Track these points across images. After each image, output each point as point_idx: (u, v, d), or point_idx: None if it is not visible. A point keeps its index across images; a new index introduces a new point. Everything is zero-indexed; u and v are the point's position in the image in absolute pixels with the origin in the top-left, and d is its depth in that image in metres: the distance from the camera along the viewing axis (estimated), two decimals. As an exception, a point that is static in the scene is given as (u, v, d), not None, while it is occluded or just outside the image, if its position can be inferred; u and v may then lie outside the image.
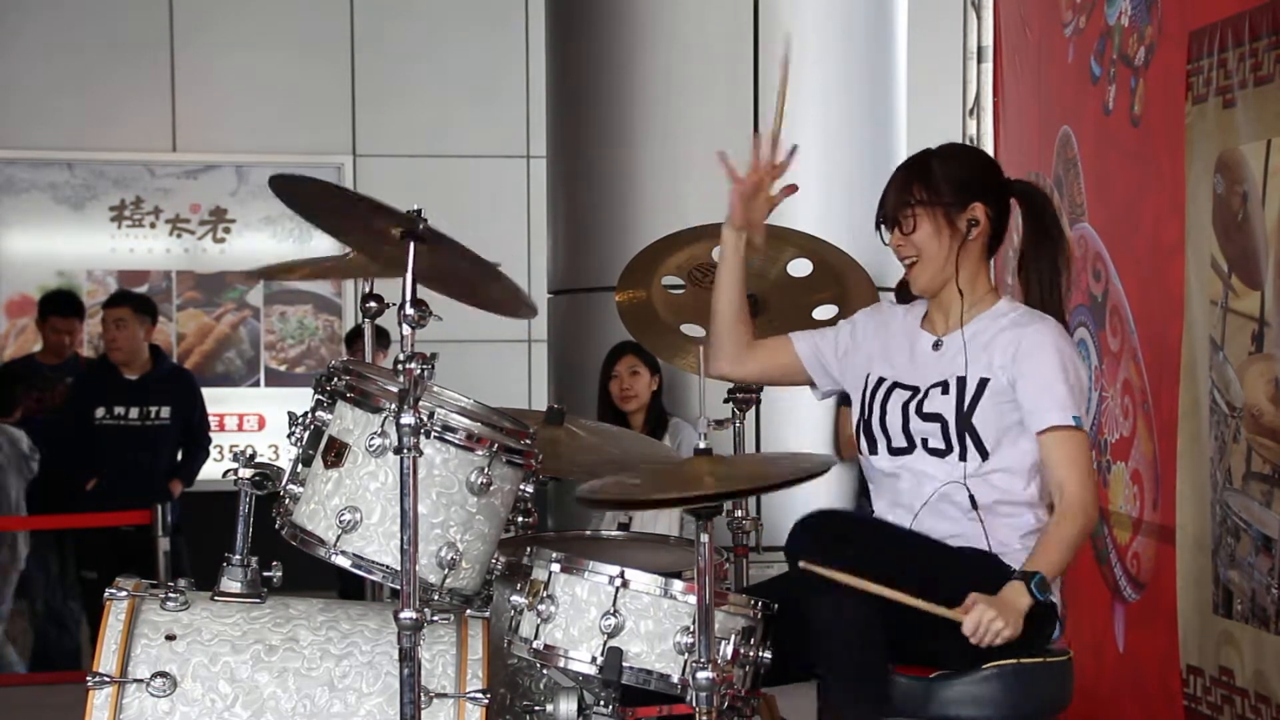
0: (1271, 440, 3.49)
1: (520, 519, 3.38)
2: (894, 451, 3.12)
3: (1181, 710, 3.90)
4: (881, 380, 3.16)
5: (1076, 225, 4.57)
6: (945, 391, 3.07)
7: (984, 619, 2.83)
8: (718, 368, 3.31)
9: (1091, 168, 4.49)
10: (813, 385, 3.34)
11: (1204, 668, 3.80)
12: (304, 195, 3.02)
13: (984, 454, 3.03)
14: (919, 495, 3.08)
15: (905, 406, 3.10)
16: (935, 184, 3.11)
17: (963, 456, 3.04)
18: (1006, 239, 3.26)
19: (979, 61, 5.45)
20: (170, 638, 2.86)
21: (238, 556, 3.00)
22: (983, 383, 3.03)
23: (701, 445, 2.80)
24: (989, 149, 5.40)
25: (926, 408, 3.08)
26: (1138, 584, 4.21)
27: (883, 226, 3.18)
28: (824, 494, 5.64)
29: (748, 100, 6.50)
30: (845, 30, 6.67)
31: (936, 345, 3.12)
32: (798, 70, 6.55)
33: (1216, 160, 3.68)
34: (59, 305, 7.44)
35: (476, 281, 3.03)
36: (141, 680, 2.80)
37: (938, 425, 3.06)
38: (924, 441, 3.08)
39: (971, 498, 3.02)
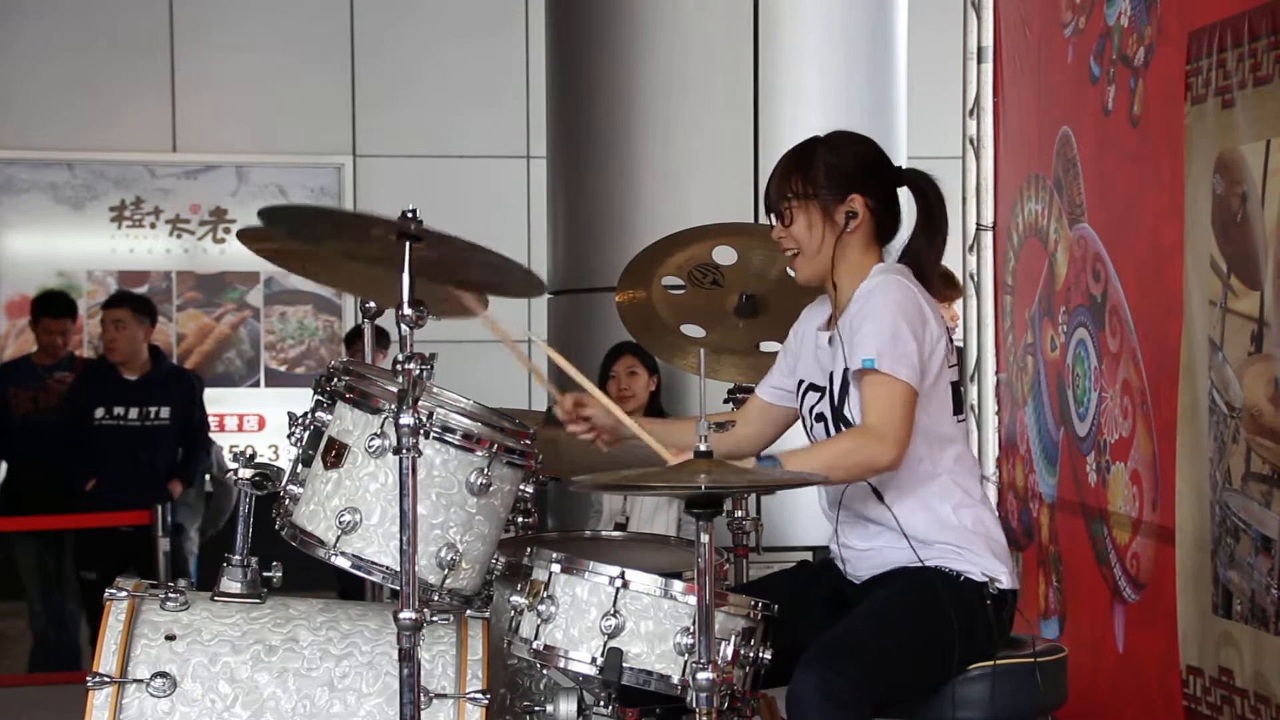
0: (1271, 440, 3.49)
1: (520, 519, 3.38)
2: None
3: (1181, 710, 3.90)
4: (801, 382, 3.21)
5: (1076, 225, 4.57)
6: (821, 393, 3.12)
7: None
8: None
9: (1091, 168, 4.49)
10: None
11: (1204, 668, 3.80)
12: (298, 222, 3.01)
13: None
14: (832, 498, 3.13)
15: (811, 409, 3.16)
16: (814, 175, 3.10)
17: None
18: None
19: (979, 61, 5.43)
20: (170, 638, 2.86)
21: (238, 556, 3.00)
22: (846, 372, 3.04)
23: (702, 448, 2.80)
24: (989, 149, 5.39)
25: (817, 409, 3.13)
26: (1137, 584, 4.21)
27: (771, 215, 3.18)
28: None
29: (748, 100, 6.50)
30: (845, 30, 6.67)
31: (831, 341, 3.11)
32: (798, 70, 6.60)
33: (1216, 160, 3.68)
34: (51, 306, 7.43)
35: (480, 273, 3.02)
36: (141, 680, 2.81)
37: (822, 425, 3.12)
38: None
39: (875, 490, 3.03)
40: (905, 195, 3.20)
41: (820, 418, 3.12)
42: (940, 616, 2.95)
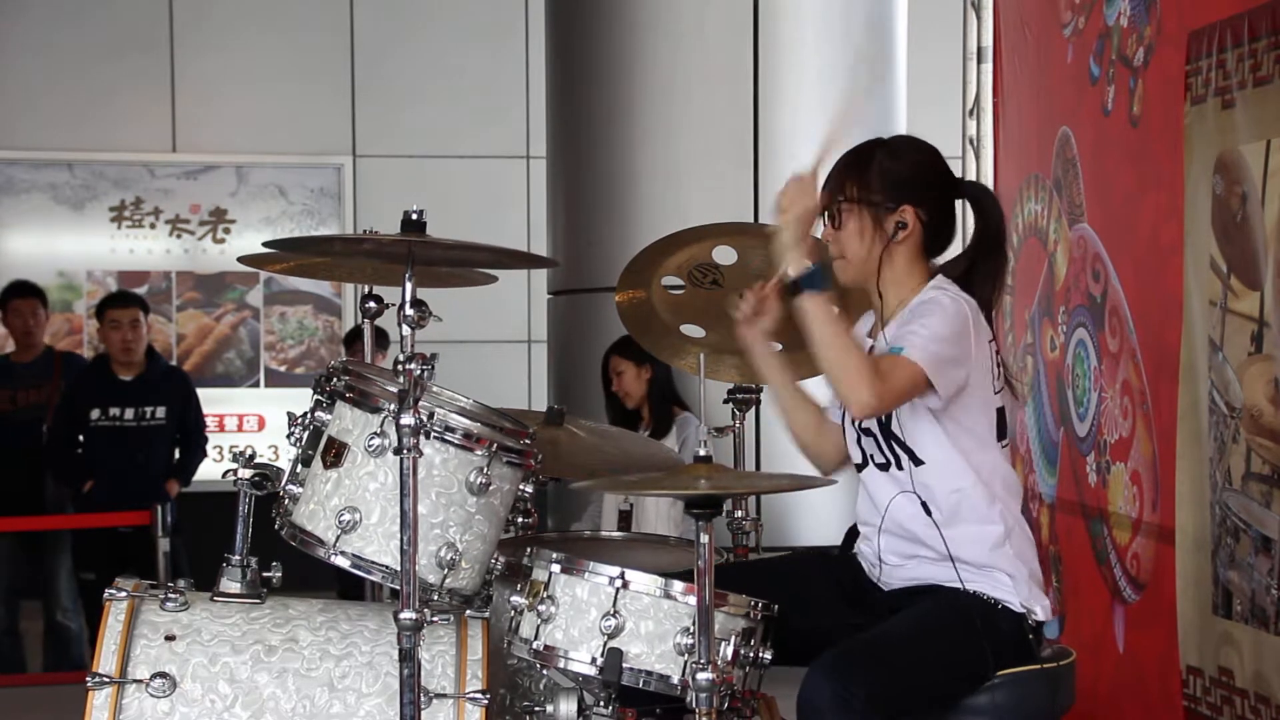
0: (1271, 441, 3.49)
1: (520, 519, 3.39)
2: (858, 467, 3.10)
3: (1181, 711, 3.90)
4: None
5: (1075, 226, 4.57)
6: None
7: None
8: (831, 466, 3.20)
9: (1090, 168, 4.49)
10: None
11: (1204, 668, 3.80)
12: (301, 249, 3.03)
13: (916, 460, 2.96)
14: (874, 512, 3.05)
15: (853, 421, 3.05)
16: (868, 181, 2.99)
17: (899, 466, 2.99)
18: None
19: (979, 62, 5.44)
20: (170, 638, 2.86)
21: (237, 557, 3.00)
22: None
23: (701, 453, 2.79)
24: (989, 150, 5.40)
25: (862, 422, 3.03)
26: (1137, 584, 4.21)
27: (823, 215, 3.06)
28: (825, 495, 5.64)
29: (748, 100, 6.50)
30: (845, 30, 6.68)
31: (873, 350, 3.03)
32: (798, 70, 6.60)
33: (1215, 161, 3.68)
34: (15, 289, 7.30)
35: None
36: (141, 680, 2.81)
37: (873, 440, 3.03)
38: (871, 457, 3.05)
39: (924, 504, 2.95)
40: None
41: (867, 432, 3.03)
42: (973, 643, 2.92)
